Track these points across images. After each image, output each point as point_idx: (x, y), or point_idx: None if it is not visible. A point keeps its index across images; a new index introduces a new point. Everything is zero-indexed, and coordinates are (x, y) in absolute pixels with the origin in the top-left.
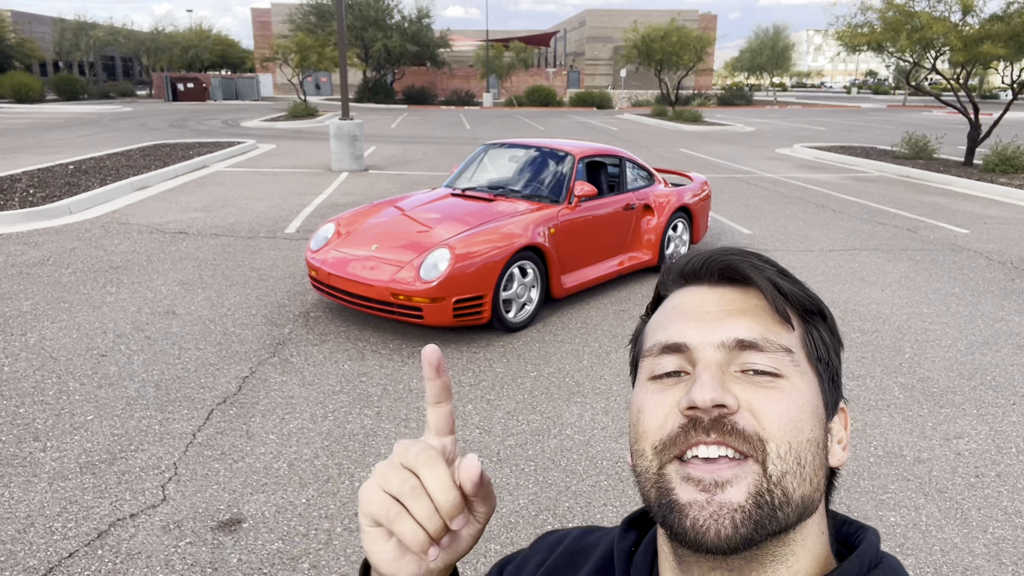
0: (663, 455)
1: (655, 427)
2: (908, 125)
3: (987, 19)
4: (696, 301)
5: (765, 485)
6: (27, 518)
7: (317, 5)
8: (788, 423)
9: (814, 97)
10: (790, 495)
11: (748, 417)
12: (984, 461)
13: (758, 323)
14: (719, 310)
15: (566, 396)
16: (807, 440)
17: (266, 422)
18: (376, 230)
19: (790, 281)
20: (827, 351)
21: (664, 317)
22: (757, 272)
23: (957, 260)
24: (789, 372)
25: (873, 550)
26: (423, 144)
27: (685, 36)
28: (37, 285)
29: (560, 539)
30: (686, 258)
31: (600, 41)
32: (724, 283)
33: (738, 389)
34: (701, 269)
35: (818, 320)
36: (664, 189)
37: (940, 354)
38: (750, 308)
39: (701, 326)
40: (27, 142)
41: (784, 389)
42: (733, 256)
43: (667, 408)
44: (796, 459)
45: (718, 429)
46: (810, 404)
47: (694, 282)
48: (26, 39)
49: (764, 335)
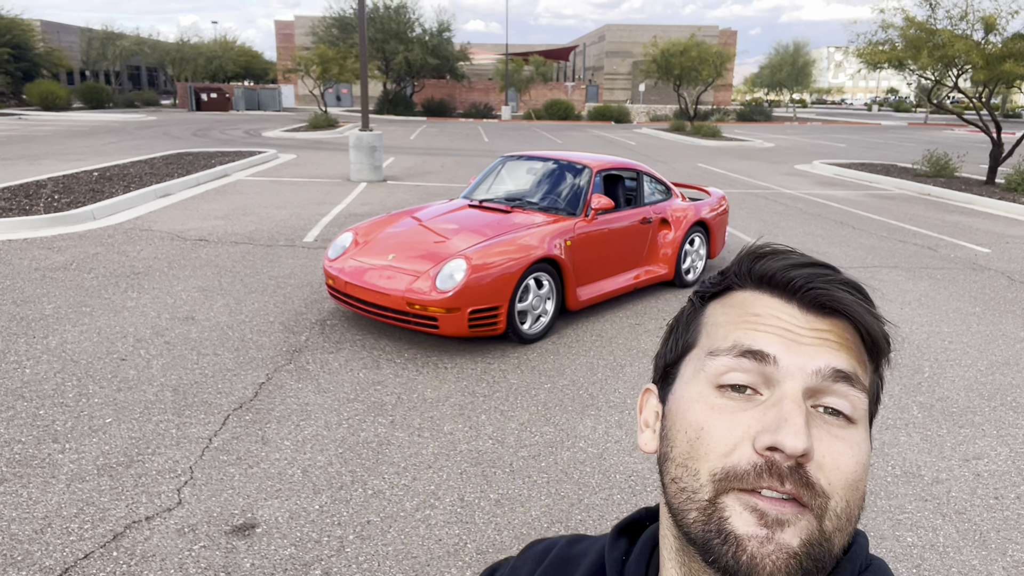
0: (722, 484)
1: (719, 453)
2: (929, 143)
3: (1010, 38)
4: (785, 319)
5: (818, 536)
6: (44, 518)
7: (340, 18)
8: (852, 483)
9: (834, 114)
10: (834, 550)
11: (817, 470)
12: (1004, 482)
13: (852, 356)
14: (812, 337)
15: (580, 409)
16: (860, 496)
17: (281, 428)
18: (393, 240)
19: (877, 315)
20: (879, 392)
21: (743, 319)
22: (855, 306)
23: (978, 279)
24: (860, 417)
25: (863, 554)
26: (441, 156)
27: (704, 51)
28: (60, 289)
29: (548, 548)
30: (778, 263)
31: (619, 56)
32: (818, 311)
33: (815, 435)
34: (799, 289)
35: (884, 357)
36: (681, 203)
37: (960, 373)
38: (844, 342)
39: (792, 347)
40: (53, 149)
41: (853, 442)
42: (838, 287)
43: (738, 436)
44: (848, 517)
45: (794, 480)
46: (867, 456)
47: (781, 296)
48: (54, 48)
49: (855, 370)
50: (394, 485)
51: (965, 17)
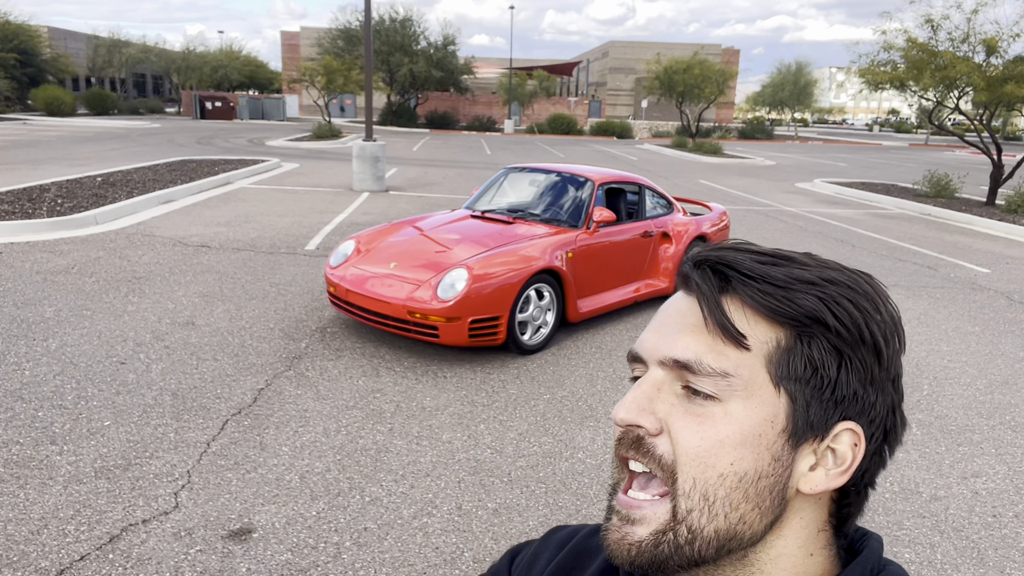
0: (619, 470)
1: (615, 433)
2: (930, 163)
3: (1011, 60)
4: (671, 308)
5: (671, 525)
6: (41, 520)
7: (345, 30)
8: (696, 458)
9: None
10: (697, 532)
11: (667, 444)
12: (1002, 501)
13: (702, 341)
14: (677, 322)
15: (579, 420)
16: (719, 475)
17: (280, 434)
18: (395, 249)
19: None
20: (812, 367)
21: (652, 321)
22: (706, 283)
23: (977, 299)
24: (727, 396)
25: (875, 557)
26: (444, 167)
27: (707, 69)
28: (61, 292)
29: (569, 536)
30: (693, 252)
31: (622, 72)
32: (686, 289)
33: (664, 410)
34: (682, 274)
35: (815, 330)
36: (683, 218)
37: (959, 392)
38: (698, 325)
39: (657, 338)
40: (57, 154)
41: (708, 418)
42: (696, 265)
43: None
44: (702, 495)
45: (636, 448)
46: (740, 433)
47: (681, 286)
48: (61, 54)
49: (699, 357)
50: (392, 493)
51: (967, 39)
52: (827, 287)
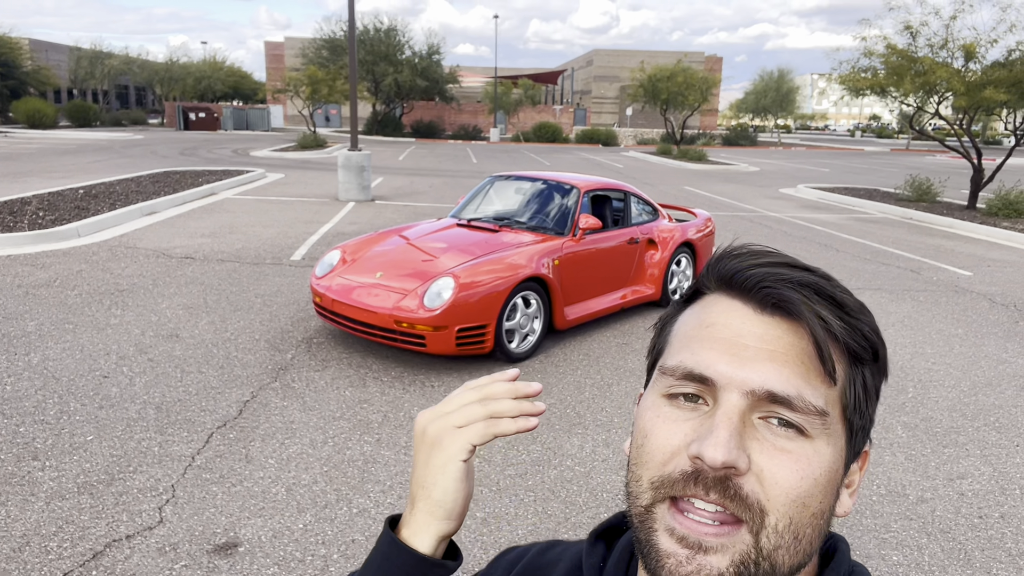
0: (658, 492)
1: (658, 461)
2: (911, 168)
3: (989, 65)
4: (735, 326)
5: (753, 556)
6: (23, 537)
7: (330, 40)
8: (796, 499)
9: (818, 139)
10: (778, 568)
11: (754, 483)
12: (988, 502)
13: (798, 373)
14: (759, 347)
15: (567, 427)
16: (811, 515)
17: (266, 446)
18: (381, 258)
19: (849, 319)
20: (866, 402)
21: (697, 331)
22: (811, 312)
23: (960, 302)
24: (817, 434)
25: (846, 560)
26: (430, 176)
27: (691, 77)
28: (43, 306)
29: (520, 556)
30: (738, 260)
31: (607, 80)
32: (772, 312)
33: (754, 448)
34: (751, 288)
35: (868, 364)
36: (668, 224)
37: (943, 394)
38: (794, 353)
39: (735, 361)
40: (39, 166)
41: (803, 456)
42: (790, 286)
43: (675, 445)
44: (794, 535)
45: (719, 490)
46: (827, 473)
47: (740, 297)
48: (42, 66)
49: (800, 392)
50: (380, 504)
51: (945, 45)
52: (868, 314)
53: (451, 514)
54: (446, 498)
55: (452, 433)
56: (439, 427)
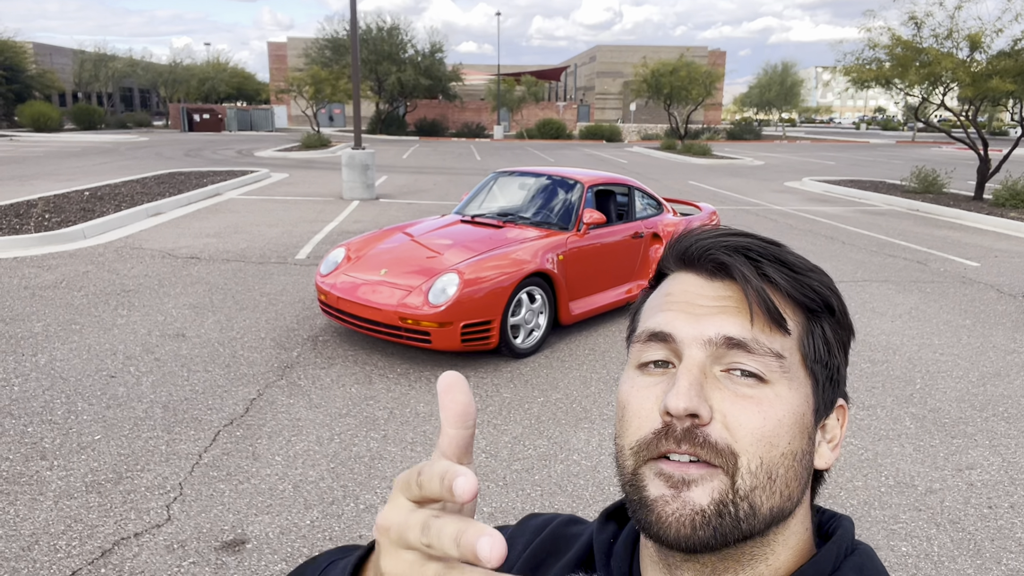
0: (638, 456)
1: (634, 428)
2: (917, 160)
3: (995, 55)
4: (691, 291)
5: (730, 496)
6: (32, 536)
7: (332, 39)
8: (762, 438)
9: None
10: (757, 508)
11: (721, 429)
12: (997, 492)
13: (749, 321)
14: (712, 305)
15: (573, 422)
16: (781, 454)
17: (272, 444)
18: (386, 255)
19: (792, 273)
20: (827, 351)
21: (657, 302)
22: (748, 271)
23: (968, 292)
24: (776, 379)
25: (848, 538)
26: (434, 174)
27: (694, 71)
28: (50, 307)
29: (545, 523)
30: (688, 239)
31: (610, 76)
32: (719, 277)
33: (716, 396)
34: (698, 259)
35: (823, 316)
36: (673, 218)
37: (951, 385)
38: (744, 306)
39: (691, 319)
40: (44, 169)
41: (765, 399)
42: (727, 251)
43: (648, 408)
44: (767, 474)
45: (689, 440)
46: (792, 415)
47: (692, 269)
48: (47, 70)
49: (755, 336)
50: (386, 500)
51: (950, 35)
52: (819, 272)
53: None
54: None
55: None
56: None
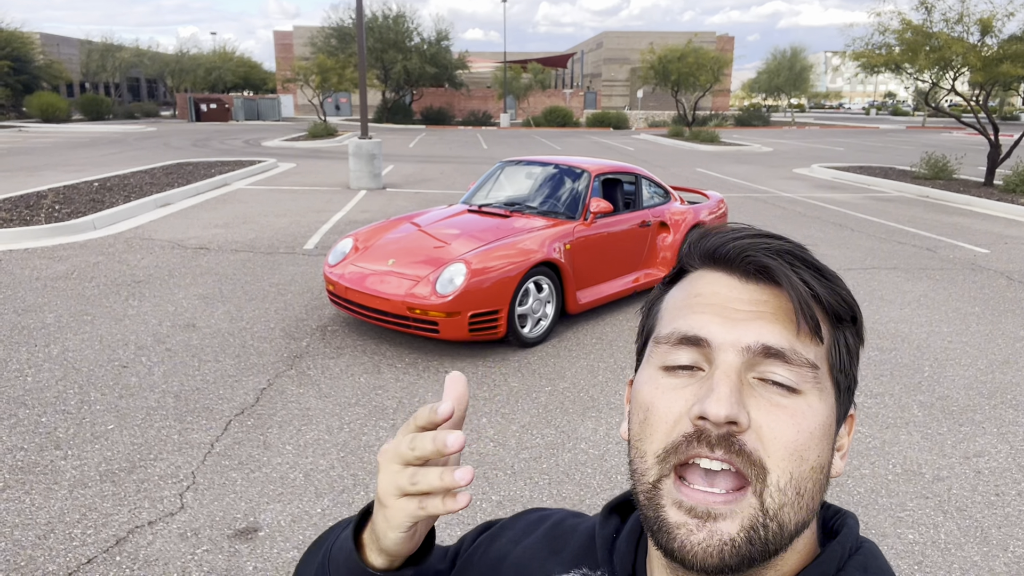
0: (664, 464)
1: (662, 433)
2: (927, 146)
3: (1006, 39)
4: (724, 293)
5: (761, 520)
6: (47, 524)
7: (338, 28)
8: (794, 452)
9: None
10: (785, 526)
11: (755, 440)
12: (1005, 479)
13: (788, 330)
14: (749, 310)
15: (581, 411)
16: (810, 468)
17: (283, 433)
18: (393, 245)
19: (827, 282)
20: (850, 361)
21: (686, 302)
22: (792, 276)
23: (977, 279)
24: (808, 389)
25: (853, 535)
26: (440, 163)
27: (702, 57)
28: (61, 298)
29: (543, 518)
30: (718, 236)
31: (617, 62)
32: (757, 280)
33: (752, 404)
34: (734, 260)
35: (848, 325)
36: (680, 207)
37: (960, 372)
38: (782, 313)
39: (727, 324)
40: (53, 160)
41: (799, 411)
42: (769, 254)
43: (677, 413)
44: (796, 490)
45: (724, 446)
46: (822, 427)
47: (724, 269)
48: (54, 60)
49: (793, 345)
50: None
51: (961, 20)
52: (842, 280)
53: (401, 555)
54: (390, 550)
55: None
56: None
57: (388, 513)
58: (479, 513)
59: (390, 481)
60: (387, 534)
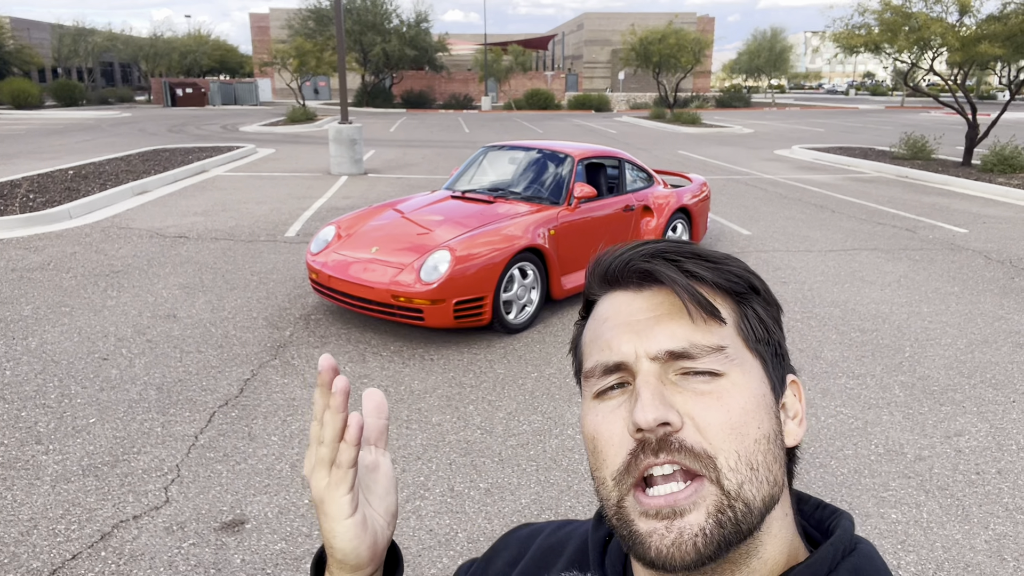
0: (622, 485)
1: (611, 455)
2: (906, 126)
3: (984, 19)
4: (624, 309)
5: (725, 502)
6: (30, 520)
7: (316, 10)
8: (731, 431)
9: (812, 99)
10: (751, 503)
11: (693, 432)
12: (985, 458)
13: (686, 324)
14: (649, 316)
15: (567, 396)
16: (754, 441)
17: (268, 424)
18: (376, 232)
19: (712, 264)
20: (765, 329)
21: (598, 330)
22: (672, 271)
23: (956, 259)
24: (727, 368)
25: (847, 536)
26: (422, 148)
27: (683, 38)
28: (38, 289)
29: (534, 533)
30: (606, 261)
31: (598, 44)
32: (647, 286)
33: (679, 400)
34: (622, 275)
35: (751, 297)
36: (663, 190)
37: (940, 352)
38: (677, 309)
39: (634, 337)
40: (26, 148)
41: (723, 392)
42: (646, 258)
43: (619, 435)
44: (748, 465)
45: (666, 449)
46: (754, 398)
47: (618, 287)
48: (25, 45)
49: (692, 340)
50: None
51: (940, 0)
52: (735, 259)
53: (362, 563)
54: (348, 555)
55: (320, 482)
56: (313, 486)
57: (325, 504)
58: (467, 501)
59: (310, 465)
60: (335, 530)
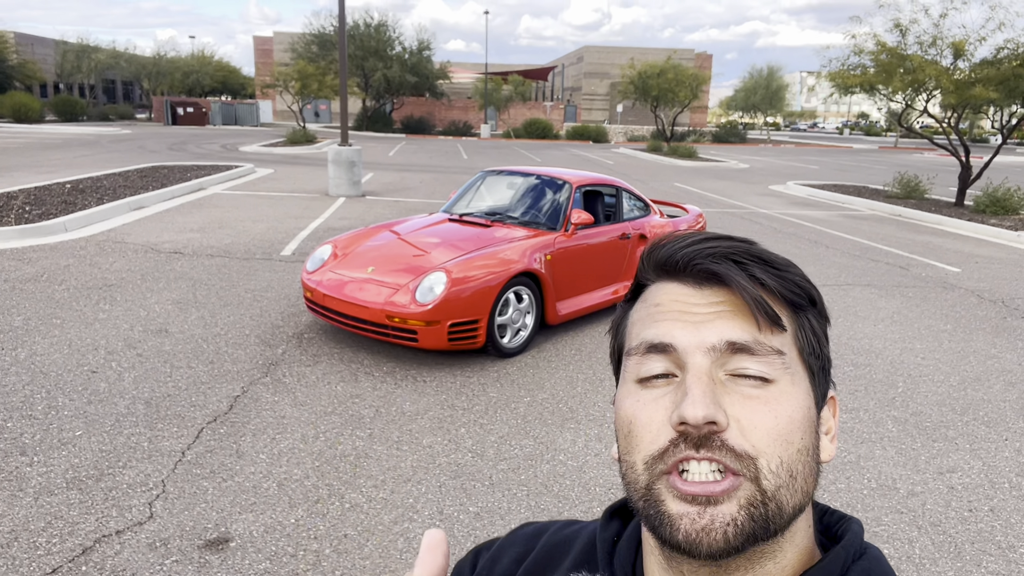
0: (653, 470)
1: (647, 441)
2: (900, 166)
3: (978, 63)
4: (682, 300)
5: (759, 498)
6: (11, 532)
7: (319, 34)
8: (777, 437)
9: (806, 137)
10: (784, 508)
11: (737, 435)
12: (977, 495)
13: (748, 323)
14: (708, 311)
15: (560, 422)
16: (798, 451)
17: (257, 441)
18: (373, 253)
19: (777, 272)
20: (818, 342)
21: (647, 313)
22: (741, 276)
23: (949, 297)
24: (779, 375)
25: (858, 540)
26: (420, 172)
27: (681, 74)
28: (30, 301)
29: (539, 531)
30: (668, 248)
31: (597, 77)
32: (709, 285)
33: (727, 401)
34: (685, 268)
35: (808, 308)
36: (660, 220)
37: (933, 389)
38: (740, 308)
39: (690, 327)
40: (25, 161)
41: (773, 399)
42: (715, 259)
43: (659, 422)
44: (788, 472)
45: (707, 446)
46: (801, 409)
47: (677, 279)
48: (28, 60)
49: (756, 337)
50: (372, 499)
51: (935, 43)
52: (796, 266)
53: None
54: None
55: None
56: None
57: None
58: (456, 524)
59: None
60: None
